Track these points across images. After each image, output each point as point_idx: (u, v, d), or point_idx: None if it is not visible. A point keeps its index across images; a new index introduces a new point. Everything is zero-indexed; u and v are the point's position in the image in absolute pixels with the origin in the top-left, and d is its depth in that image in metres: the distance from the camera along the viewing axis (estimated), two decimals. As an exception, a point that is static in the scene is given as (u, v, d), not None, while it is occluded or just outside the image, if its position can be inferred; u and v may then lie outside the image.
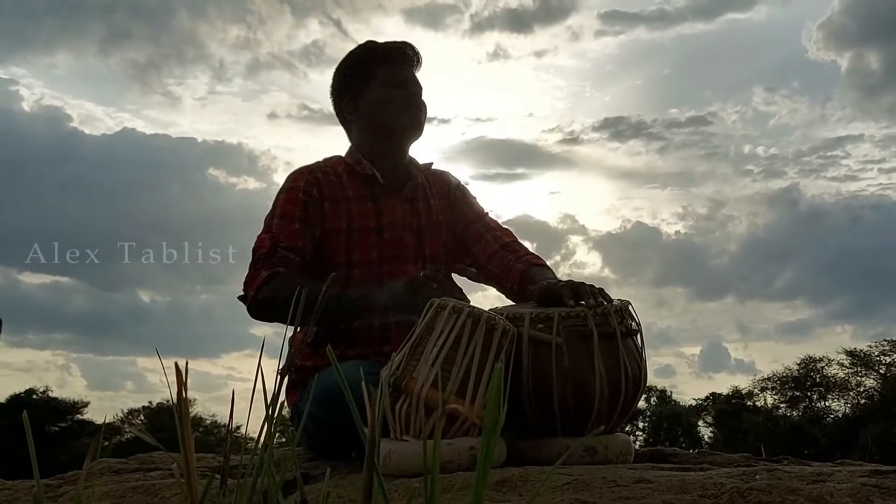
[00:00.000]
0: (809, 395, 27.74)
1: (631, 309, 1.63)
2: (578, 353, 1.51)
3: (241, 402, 0.74)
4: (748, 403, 28.38)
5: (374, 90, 1.99)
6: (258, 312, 1.86)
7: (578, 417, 1.52)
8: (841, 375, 27.00)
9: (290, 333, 0.84)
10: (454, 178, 2.16)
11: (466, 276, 2.05)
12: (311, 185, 1.93)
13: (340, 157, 2.06)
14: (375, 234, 1.93)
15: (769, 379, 28.42)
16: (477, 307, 1.46)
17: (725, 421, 26.97)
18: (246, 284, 1.87)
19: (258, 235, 1.92)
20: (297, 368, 1.87)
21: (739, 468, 1.38)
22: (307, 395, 1.81)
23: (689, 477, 1.17)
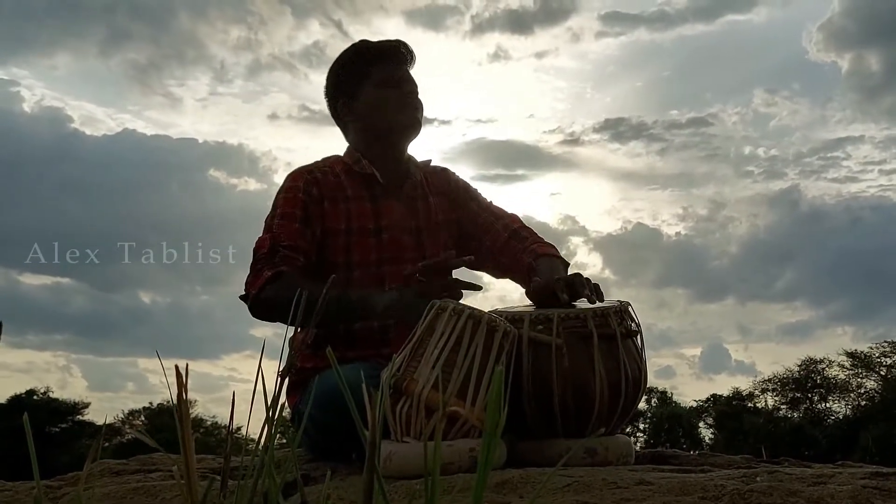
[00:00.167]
0: (810, 396, 27.68)
1: (631, 310, 1.63)
2: (578, 354, 1.51)
3: (241, 403, 0.74)
4: (749, 405, 28.33)
5: (368, 90, 1.99)
6: (260, 312, 1.85)
7: (579, 419, 1.51)
8: (841, 377, 26.97)
9: (290, 335, 0.84)
10: (453, 173, 2.15)
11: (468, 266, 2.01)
12: (310, 184, 1.93)
13: (339, 156, 2.05)
14: (374, 235, 1.92)
15: (770, 380, 28.38)
16: (478, 309, 1.46)
17: (726, 422, 26.91)
18: (248, 284, 1.86)
19: (259, 237, 1.91)
20: (297, 370, 1.87)
21: (740, 470, 1.38)
22: (308, 396, 1.81)
23: (689, 479, 1.17)
